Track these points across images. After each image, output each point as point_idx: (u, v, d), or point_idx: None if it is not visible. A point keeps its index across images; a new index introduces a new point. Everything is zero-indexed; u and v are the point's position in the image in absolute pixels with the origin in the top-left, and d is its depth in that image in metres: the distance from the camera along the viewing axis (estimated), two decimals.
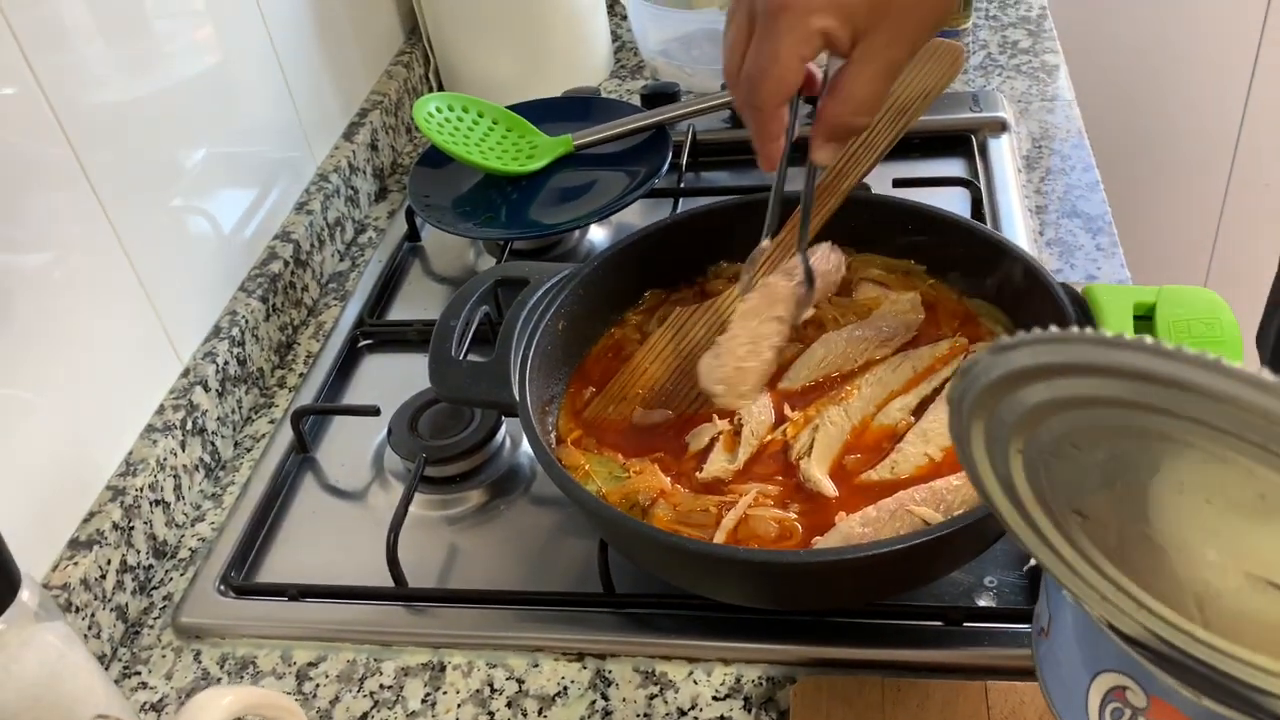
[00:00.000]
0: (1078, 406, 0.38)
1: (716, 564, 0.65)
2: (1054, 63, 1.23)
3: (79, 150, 0.78)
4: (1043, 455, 0.41)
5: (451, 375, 0.76)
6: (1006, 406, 0.40)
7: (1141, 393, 0.35)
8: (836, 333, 0.80)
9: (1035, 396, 0.39)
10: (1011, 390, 0.39)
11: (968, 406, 0.41)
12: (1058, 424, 0.39)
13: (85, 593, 0.74)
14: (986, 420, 0.41)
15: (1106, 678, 0.46)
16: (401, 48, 1.35)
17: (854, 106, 0.65)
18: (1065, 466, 0.41)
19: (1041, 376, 0.38)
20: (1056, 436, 0.40)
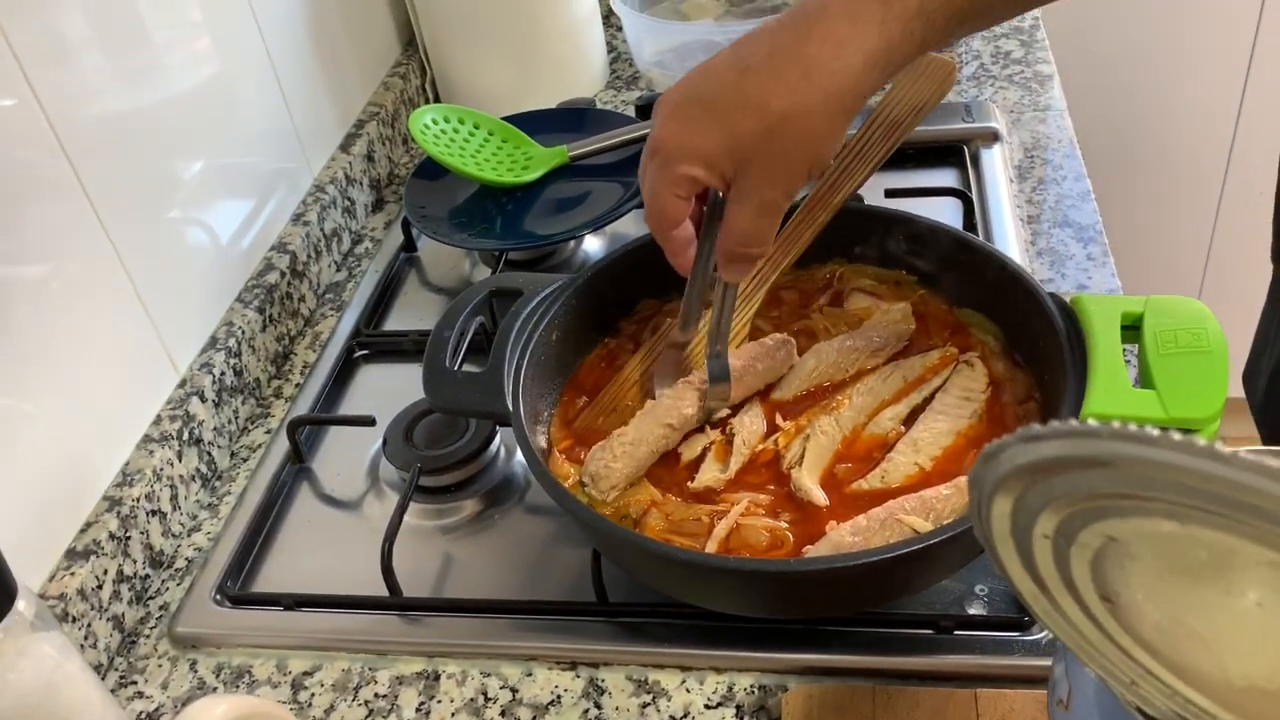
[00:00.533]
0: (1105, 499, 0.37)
1: (708, 573, 0.65)
2: (1046, 73, 1.24)
3: (76, 162, 0.79)
4: (1074, 543, 0.40)
5: (445, 386, 0.77)
6: (1036, 494, 0.39)
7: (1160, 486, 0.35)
8: (828, 343, 0.81)
9: (1070, 485, 0.38)
10: (1042, 479, 0.38)
11: (992, 489, 0.41)
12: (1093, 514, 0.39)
13: (82, 603, 0.74)
14: (1013, 505, 0.41)
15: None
16: (398, 59, 1.36)
17: (739, 239, 0.68)
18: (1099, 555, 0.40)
19: (1072, 467, 0.37)
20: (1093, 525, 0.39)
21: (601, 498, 0.73)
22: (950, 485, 0.68)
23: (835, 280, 0.87)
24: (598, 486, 0.73)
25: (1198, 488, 0.34)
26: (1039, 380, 0.75)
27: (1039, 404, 0.74)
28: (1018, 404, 0.75)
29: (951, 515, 0.67)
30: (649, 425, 0.75)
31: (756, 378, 0.78)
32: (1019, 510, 0.41)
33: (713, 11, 1.36)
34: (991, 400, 0.75)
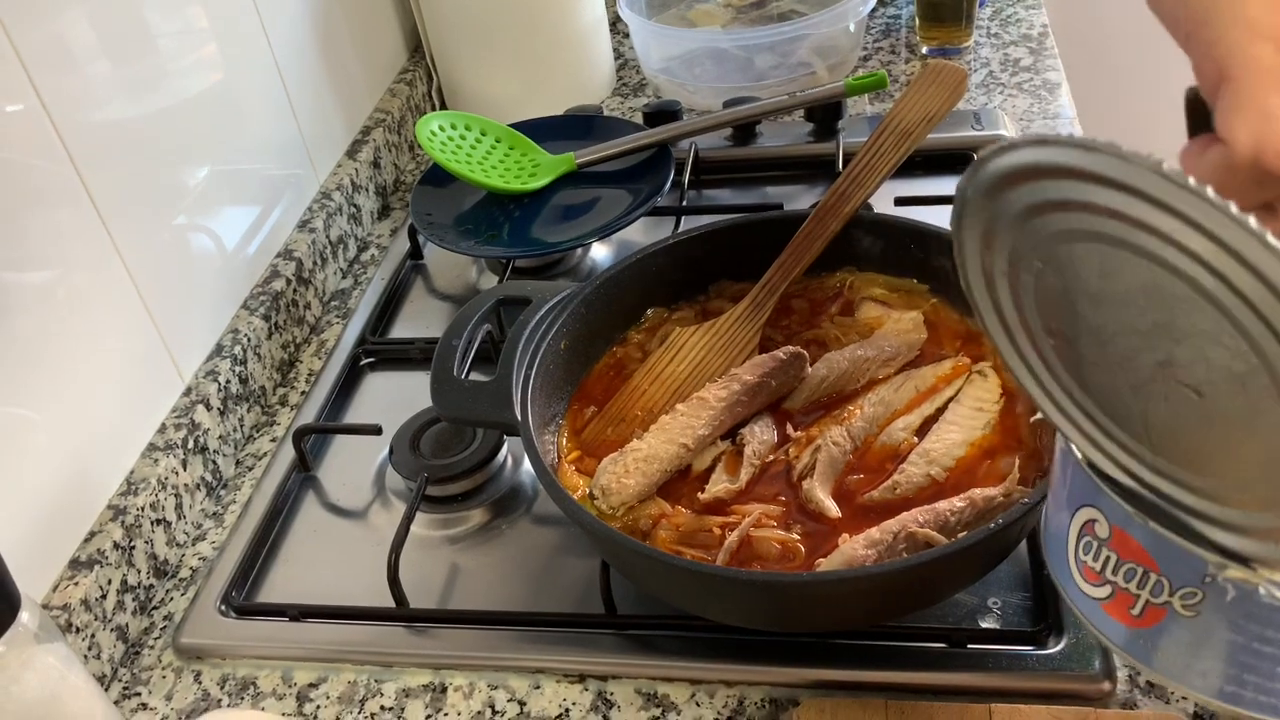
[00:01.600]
0: (1037, 214, 0.42)
1: (719, 585, 0.65)
2: (1055, 80, 1.23)
3: (82, 168, 0.79)
4: (1022, 272, 0.45)
5: (453, 395, 0.76)
6: (993, 222, 0.44)
7: (1101, 196, 0.39)
8: (839, 352, 0.80)
9: (1016, 204, 0.42)
10: (998, 198, 0.43)
11: (964, 226, 0.46)
12: (1028, 236, 0.43)
13: (86, 613, 0.74)
14: (979, 240, 0.45)
15: (1082, 513, 0.49)
16: (405, 66, 1.35)
17: None
18: (1039, 281, 0.44)
19: (1023, 179, 0.41)
20: (1029, 250, 0.44)
21: (611, 512, 0.72)
22: (963, 497, 0.67)
23: (846, 289, 0.86)
24: (608, 500, 0.72)
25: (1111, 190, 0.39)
26: None
27: None
28: (1031, 415, 0.74)
29: (965, 528, 0.66)
30: (663, 443, 0.74)
31: (769, 393, 0.78)
32: (984, 248, 0.46)
33: (720, 19, 1.36)
34: (1005, 411, 0.74)
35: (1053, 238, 0.42)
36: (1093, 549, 0.49)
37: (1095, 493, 0.48)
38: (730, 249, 0.87)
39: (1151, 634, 0.48)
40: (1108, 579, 0.49)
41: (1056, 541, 0.52)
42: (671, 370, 0.81)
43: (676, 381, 0.80)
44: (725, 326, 0.82)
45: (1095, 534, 0.49)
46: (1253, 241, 0.35)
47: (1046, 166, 0.40)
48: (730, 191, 1.15)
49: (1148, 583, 0.47)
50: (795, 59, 1.25)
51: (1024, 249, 0.44)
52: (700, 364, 0.81)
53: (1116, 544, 0.48)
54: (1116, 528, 0.47)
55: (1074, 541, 0.50)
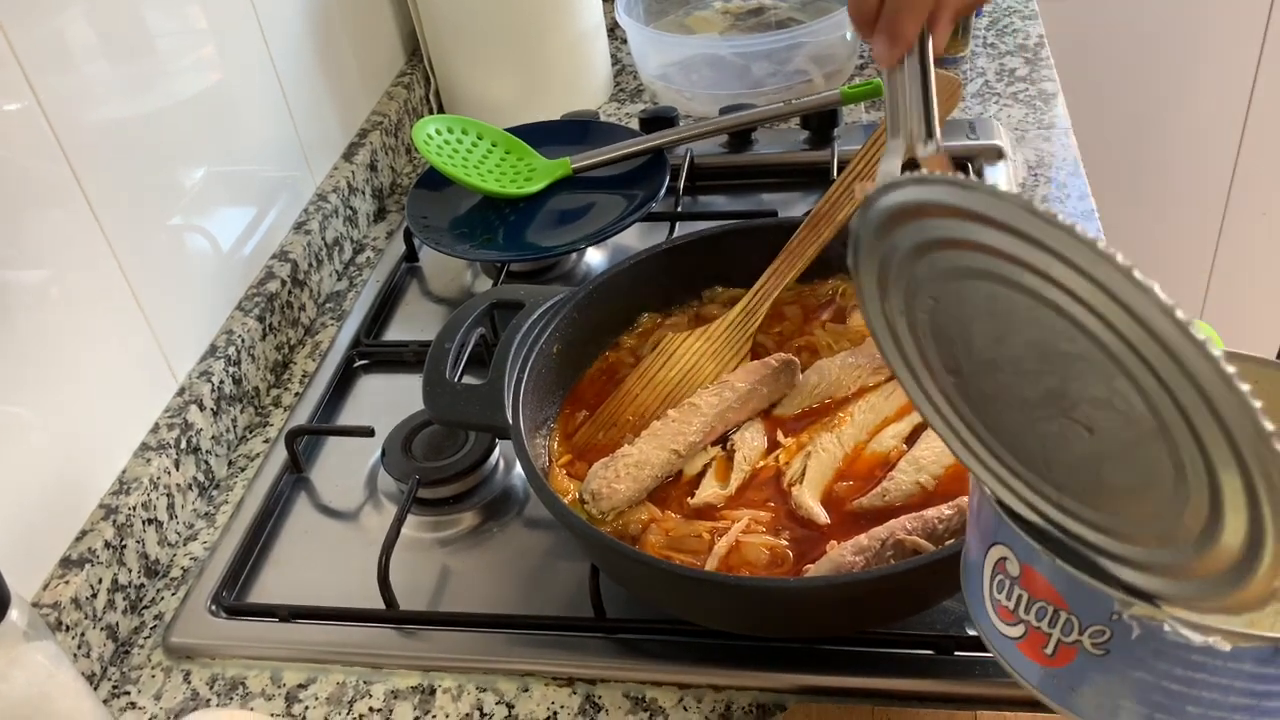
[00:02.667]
0: (926, 252, 0.42)
1: (708, 590, 0.65)
2: (1051, 91, 1.24)
3: (77, 168, 0.79)
4: (917, 312, 0.45)
5: (445, 398, 0.76)
6: (885, 261, 0.44)
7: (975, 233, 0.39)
8: (830, 359, 0.80)
9: (905, 242, 0.43)
10: (887, 238, 0.43)
11: (860, 265, 0.46)
12: (920, 273, 0.43)
13: (76, 611, 0.74)
14: (875, 279, 0.45)
15: (995, 551, 0.49)
16: (402, 69, 1.36)
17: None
18: (934, 320, 0.45)
19: (909, 217, 0.42)
20: (921, 288, 0.44)
21: (601, 516, 0.72)
22: (952, 505, 0.68)
23: (838, 296, 0.87)
24: (598, 505, 0.72)
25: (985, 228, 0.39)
26: None
27: None
28: None
29: (953, 535, 0.66)
30: (654, 449, 0.74)
31: (761, 400, 0.78)
32: (880, 288, 0.46)
33: (717, 25, 1.36)
34: None
35: (942, 275, 0.43)
36: (1005, 587, 0.49)
37: (1005, 530, 0.48)
38: (724, 255, 0.88)
39: (1065, 674, 0.47)
40: (1020, 618, 0.48)
41: (973, 579, 0.52)
42: (664, 375, 0.81)
43: (668, 387, 0.80)
44: (718, 332, 0.83)
45: (1007, 571, 0.48)
46: (1120, 277, 0.36)
47: (929, 205, 0.41)
48: (725, 198, 1.16)
49: (1058, 621, 0.46)
50: (792, 66, 1.26)
51: (916, 287, 0.44)
52: (692, 370, 0.81)
53: (1027, 582, 0.47)
54: (1026, 565, 0.47)
55: (988, 579, 0.50)
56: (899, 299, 0.46)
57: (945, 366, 0.46)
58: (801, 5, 1.37)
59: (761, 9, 1.37)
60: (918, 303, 0.45)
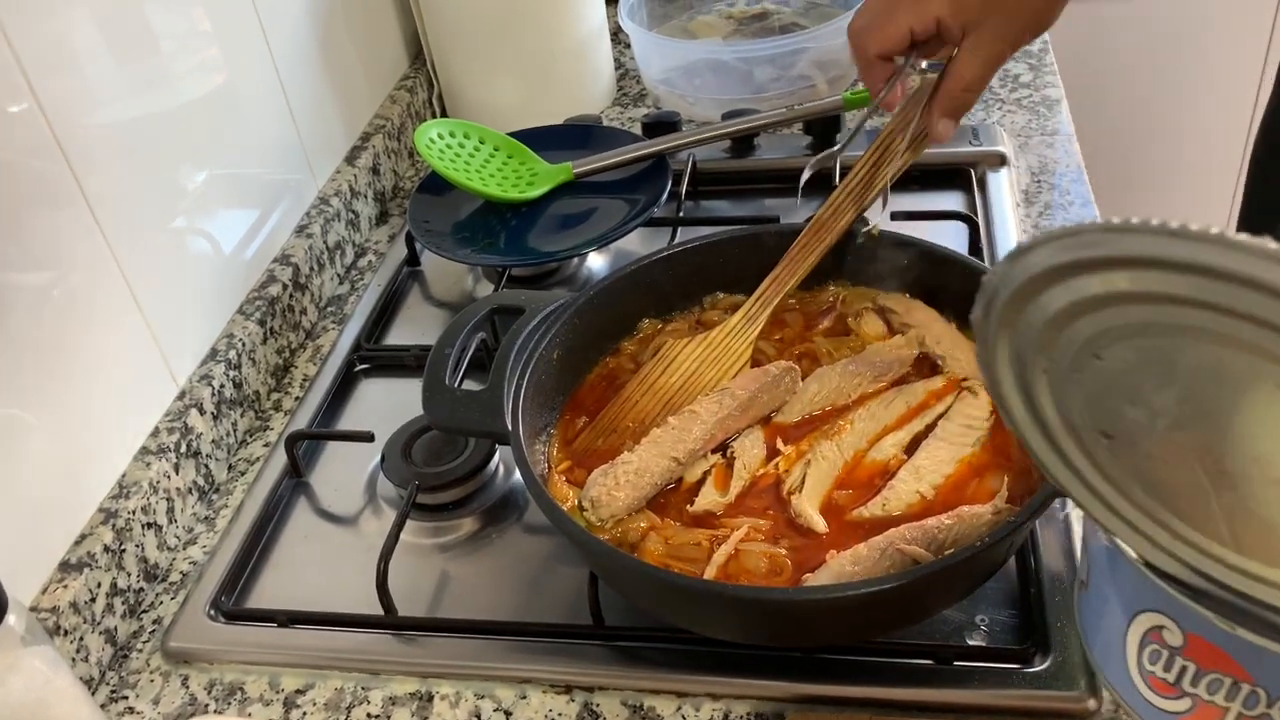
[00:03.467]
0: (1097, 307, 0.37)
1: (706, 599, 0.65)
2: (1055, 97, 1.24)
3: (78, 170, 0.79)
4: (1067, 371, 0.41)
5: (445, 404, 0.76)
6: (1028, 320, 0.40)
7: (1155, 281, 0.35)
8: (830, 367, 0.80)
9: (1055, 302, 0.38)
10: (1032, 299, 0.39)
11: (993, 325, 0.41)
12: (1080, 330, 0.39)
13: (74, 615, 0.74)
14: (1011, 338, 0.41)
15: (1144, 619, 0.45)
16: (405, 73, 1.36)
17: (965, 85, 0.79)
18: (1089, 380, 0.40)
19: (1059, 278, 0.37)
20: (1079, 346, 0.39)
21: (600, 524, 0.72)
22: (952, 515, 0.68)
23: (839, 303, 0.87)
24: (598, 513, 0.72)
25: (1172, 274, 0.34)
26: None
27: None
28: None
29: (953, 545, 0.66)
30: (654, 457, 0.74)
31: (761, 407, 0.78)
32: (1017, 346, 0.42)
33: (720, 30, 1.36)
34: (994, 429, 0.75)
35: (1113, 332, 0.38)
36: (1162, 658, 0.45)
37: (1160, 597, 0.44)
38: (726, 262, 0.88)
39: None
40: (1186, 691, 0.44)
41: (1109, 649, 0.48)
42: (664, 381, 0.81)
43: (668, 393, 0.80)
44: (718, 339, 0.83)
45: (1164, 641, 0.44)
46: None
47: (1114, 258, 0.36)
48: (728, 203, 1.16)
49: (1238, 694, 0.42)
50: (795, 72, 1.26)
51: (1073, 346, 0.40)
52: (693, 376, 0.81)
53: (1193, 652, 0.43)
54: (1193, 635, 0.43)
55: (1135, 650, 0.46)
56: (1044, 359, 0.41)
57: (1097, 427, 0.42)
58: (805, 10, 1.37)
59: (764, 14, 1.37)
60: (1069, 363, 0.41)
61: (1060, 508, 0.76)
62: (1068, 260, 0.37)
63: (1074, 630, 0.68)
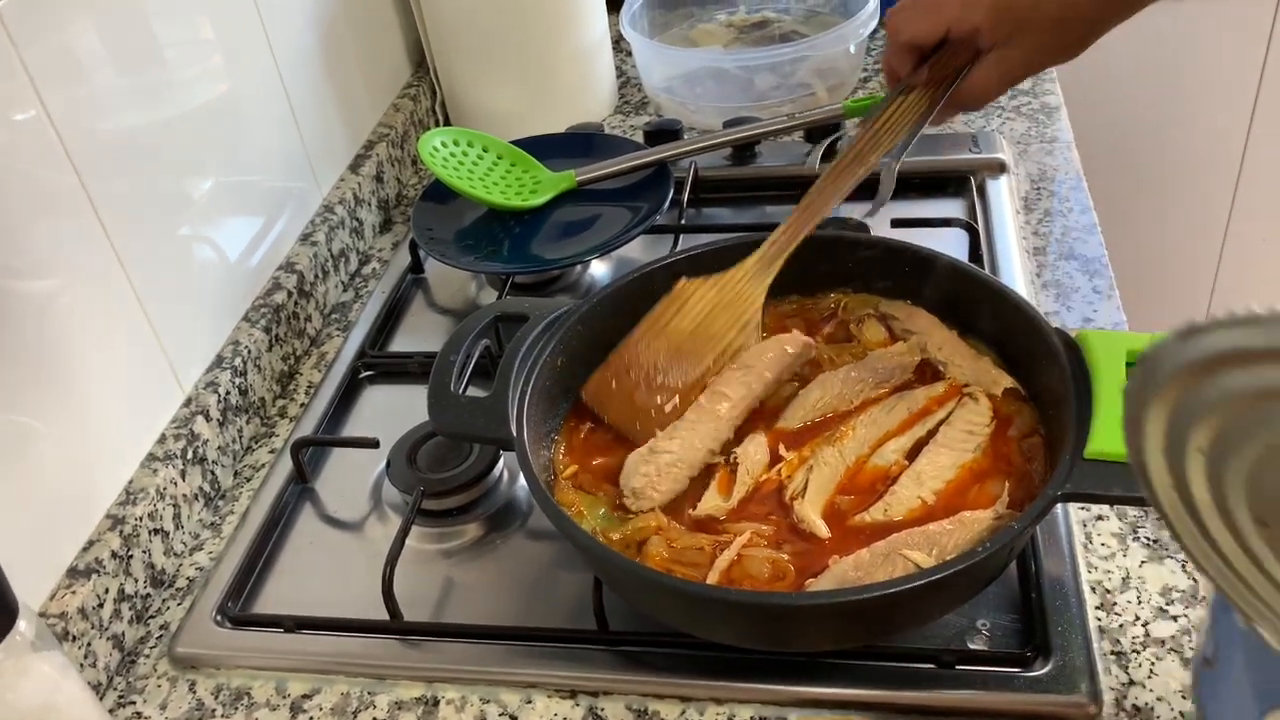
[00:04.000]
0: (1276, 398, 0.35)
1: (710, 604, 0.65)
2: (1054, 104, 1.24)
3: (85, 178, 0.79)
4: (1231, 454, 0.38)
5: (450, 410, 0.77)
6: (1195, 398, 0.37)
7: None
8: (833, 373, 0.81)
9: (1233, 384, 0.36)
10: (1203, 378, 0.36)
11: (1148, 397, 0.39)
12: (1257, 416, 0.36)
13: (82, 621, 0.74)
14: (1169, 414, 0.39)
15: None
16: (408, 81, 1.36)
17: (977, 95, 0.83)
18: (1258, 467, 0.38)
19: (1239, 362, 0.35)
20: (1255, 431, 0.37)
21: (638, 509, 0.73)
22: (953, 520, 0.68)
23: (840, 310, 0.87)
24: (639, 504, 0.74)
25: None
26: (1043, 415, 0.75)
27: (1043, 439, 0.74)
28: (1022, 438, 0.75)
29: (954, 550, 0.67)
30: (692, 448, 0.76)
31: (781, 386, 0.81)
32: (1174, 422, 0.39)
33: (721, 39, 1.37)
34: (996, 435, 0.75)
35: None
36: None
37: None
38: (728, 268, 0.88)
39: None
40: None
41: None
42: (676, 324, 0.81)
43: (679, 336, 0.81)
44: (731, 283, 0.83)
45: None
46: None
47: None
48: (729, 210, 1.16)
49: None
50: (795, 80, 1.27)
51: (1240, 433, 0.37)
52: (705, 319, 0.81)
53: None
54: None
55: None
56: (1203, 438, 0.39)
57: (1255, 516, 0.40)
58: (805, 19, 1.38)
59: (765, 23, 1.38)
60: (1235, 447, 0.38)
61: (1061, 513, 0.77)
62: (1252, 347, 0.35)
63: (1075, 634, 0.69)
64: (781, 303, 0.88)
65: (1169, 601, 0.72)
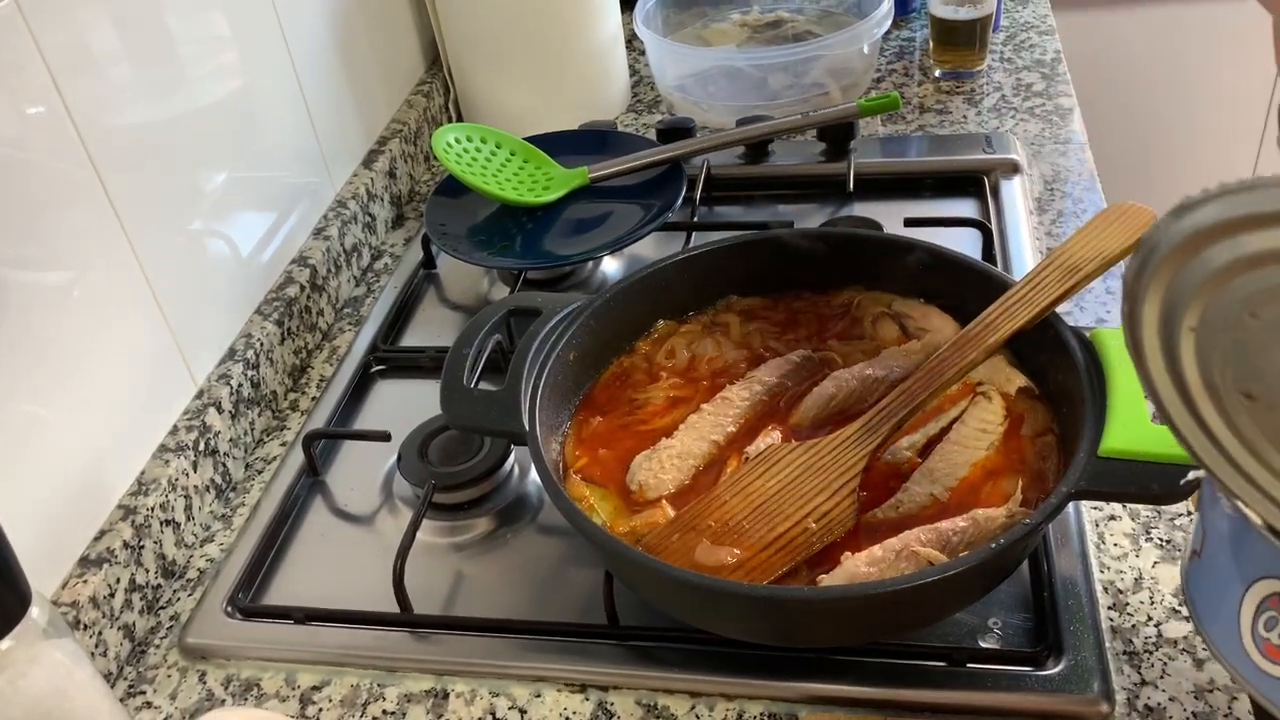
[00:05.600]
0: (1260, 264, 0.37)
1: (723, 599, 0.65)
2: (1067, 105, 1.24)
3: (102, 171, 0.80)
4: (1218, 330, 0.40)
5: (463, 404, 0.77)
6: (1186, 276, 0.39)
7: None
8: (847, 370, 0.80)
9: (1219, 258, 0.38)
10: (1194, 254, 0.38)
11: (1146, 281, 0.41)
12: (1240, 287, 0.38)
13: (94, 610, 0.75)
14: (1163, 295, 0.41)
15: (1261, 586, 0.45)
16: (422, 77, 1.37)
17: None
18: (1239, 339, 0.40)
19: (1226, 233, 0.37)
20: (1238, 302, 0.39)
21: (644, 499, 0.74)
22: (966, 517, 0.68)
23: (853, 308, 0.87)
24: (645, 494, 0.74)
25: None
26: (1057, 414, 0.75)
27: (1057, 438, 0.74)
28: (1035, 437, 0.75)
29: (967, 547, 0.66)
30: (694, 441, 0.76)
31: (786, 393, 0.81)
32: (1169, 301, 0.41)
33: (735, 38, 1.37)
34: (1008, 433, 0.75)
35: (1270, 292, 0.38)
36: (1278, 625, 0.45)
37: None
38: (740, 265, 0.88)
39: None
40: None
41: (1221, 617, 0.48)
42: (759, 485, 0.73)
43: (763, 497, 0.72)
44: (829, 447, 0.74)
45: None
46: None
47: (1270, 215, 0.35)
48: (741, 209, 1.16)
49: None
50: (809, 79, 1.26)
51: (1229, 305, 0.39)
52: (793, 482, 0.72)
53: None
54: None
55: (1250, 617, 0.46)
56: (1193, 317, 0.41)
57: (1240, 389, 0.42)
58: (819, 18, 1.38)
59: (779, 22, 1.38)
60: (1222, 321, 0.40)
61: (1073, 512, 0.77)
62: (1237, 216, 0.37)
63: (1087, 634, 0.68)
64: (794, 299, 0.88)
65: (1182, 602, 0.72)
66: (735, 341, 0.86)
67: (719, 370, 0.84)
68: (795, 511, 0.70)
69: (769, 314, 0.88)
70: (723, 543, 0.69)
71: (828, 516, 0.70)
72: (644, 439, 0.79)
